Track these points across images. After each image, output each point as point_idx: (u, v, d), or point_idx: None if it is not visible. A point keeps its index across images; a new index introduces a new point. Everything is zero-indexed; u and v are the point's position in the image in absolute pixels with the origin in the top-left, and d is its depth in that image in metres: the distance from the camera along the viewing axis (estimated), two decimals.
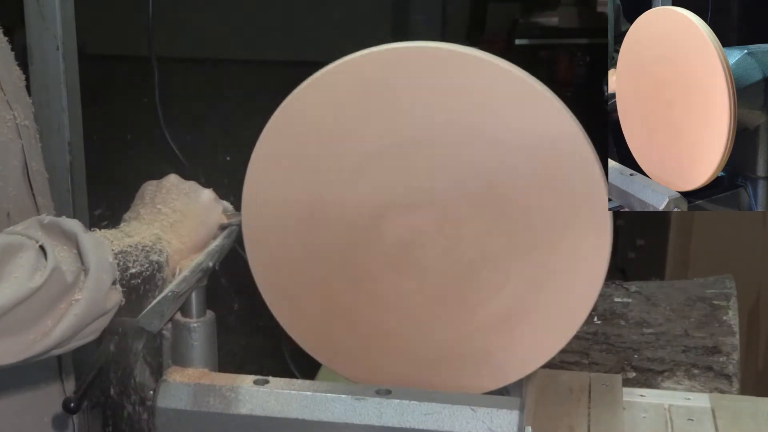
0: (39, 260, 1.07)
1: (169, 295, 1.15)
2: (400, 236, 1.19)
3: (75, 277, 1.08)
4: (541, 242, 1.15)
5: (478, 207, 1.16)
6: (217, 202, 1.29)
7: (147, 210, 1.25)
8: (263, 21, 6.47)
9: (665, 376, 1.65)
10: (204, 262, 1.23)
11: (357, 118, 1.16)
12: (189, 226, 1.24)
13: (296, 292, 1.23)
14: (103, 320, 1.12)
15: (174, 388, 1.17)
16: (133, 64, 3.13)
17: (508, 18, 4.94)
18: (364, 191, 1.18)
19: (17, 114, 1.27)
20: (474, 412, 1.12)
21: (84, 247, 1.10)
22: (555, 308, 1.17)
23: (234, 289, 1.37)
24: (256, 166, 1.20)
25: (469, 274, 1.18)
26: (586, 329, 1.69)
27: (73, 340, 1.10)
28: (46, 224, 1.12)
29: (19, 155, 1.27)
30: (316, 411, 1.14)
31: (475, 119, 1.13)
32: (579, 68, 4.43)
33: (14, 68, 1.35)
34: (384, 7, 5.44)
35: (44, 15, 2.13)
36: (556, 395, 1.31)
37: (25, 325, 1.05)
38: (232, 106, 5.26)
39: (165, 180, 1.30)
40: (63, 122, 2.19)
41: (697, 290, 1.76)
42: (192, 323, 1.21)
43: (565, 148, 1.12)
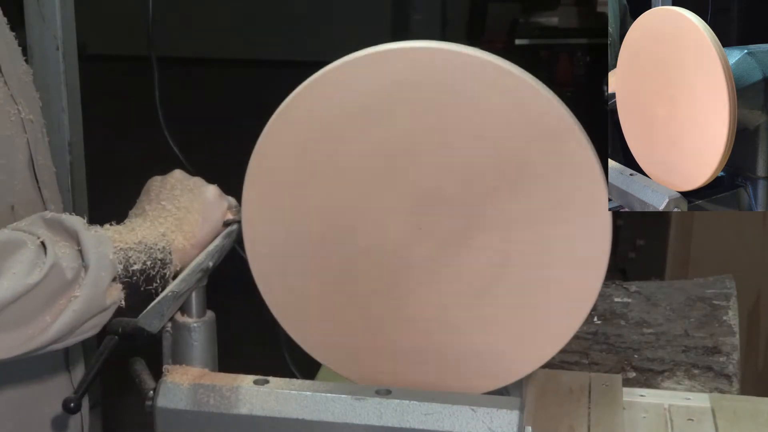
0: (39, 256, 1.07)
1: (169, 295, 1.15)
2: (401, 236, 1.18)
3: (75, 273, 1.09)
4: (540, 242, 1.15)
5: (478, 207, 1.16)
6: (222, 198, 1.29)
7: (152, 206, 1.26)
8: (263, 21, 6.46)
9: (665, 376, 1.65)
10: (204, 262, 1.23)
11: (357, 118, 1.16)
12: (193, 222, 1.24)
13: (296, 292, 1.23)
14: (103, 317, 1.12)
15: (174, 388, 1.17)
16: (133, 64, 3.13)
17: (508, 18, 4.95)
18: (365, 191, 1.18)
19: (22, 108, 1.28)
20: (474, 412, 1.12)
21: (84, 244, 1.10)
22: (555, 308, 1.17)
23: (234, 289, 1.37)
24: (256, 166, 1.20)
25: (469, 274, 1.18)
26: (586, 329, 1.69)
27: (72, 336, 1.11)
28: (48, 220, 1.12)
29: (24, 149, 1.28)
30: (316, 411, 1.14)
31: (475, 119, 1.13)
32: (579, 68, 4.43)
33: (20, 63, 1.35)
34: (384, 7, 5.43)
35: (44, 15, 2.13)
36: (556, 395, 1.31)
37: (24, 320, 1.06)
38: (232, 106, 5.25)
39: (170, 176, 1.30)
40: (63, 122, 2.19)
41: (697, 290, 1.76)
42: (192, 323, 1.21)
43: (564, 148, 1.12)
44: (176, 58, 3.41)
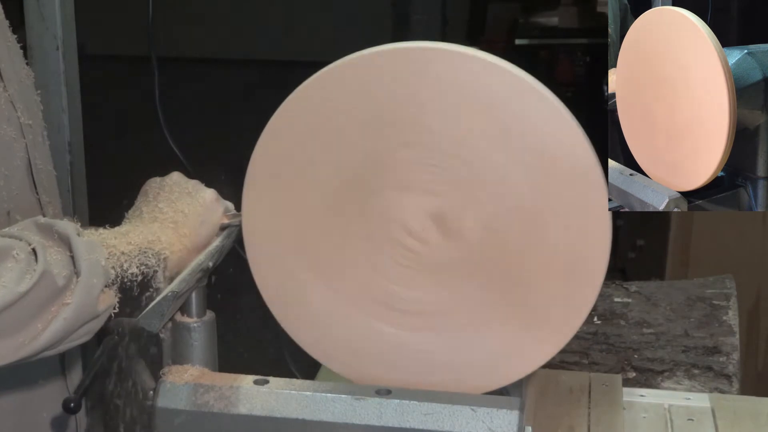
0: (29, 264, 1.07)
1: (169, 295, 1.15)
2: (401, 235, 1.18)
3: (66, 280, 1.08)
4: (540, 241, 1.15)
5: (478, 206, 1.16)
6: (218, 203, 1.29)
7: (149, 208, 1.25)
8: (263, 21, 6.46)
9: (665, 376, 1.65)
10: (204, 262, 1.23)
11: (357, 118, 1.16)
12: (190, 226, 1.24)
13: (296, 292, 1.23)
14: (95, 323, 1.12)
15: (174, 388, 1.17)
16: (133, 64, 3.13)
17: (508, 18, 4.95)
18: (366, 190, 1.18)
19: (21, 113, 1.28)
20: (474, 412, 1.12)
21: (76, 251, 1.10)
22: (555, 308, 1.17)
23: (234, 289, 1.37)
24: (257, 166, 1.20)
25: (469, 274, 1.18)
26: (586, 329, 1.69)
27: (64, 343, 1.10)
28: (41, 225, 1.12)
29: (23, 153, 1.27)
30: (316, 411, 1.14)
31: (474, 119, 1.13)
32: (579, 68, 4.43)
33: (22, 66, 1.35)
34: (384, 7, 5.43)
35: (44, 15, 2.13)
36: (556, 395, 1.31)
37: (15, 328, 1.05)
38: (232, 106, 5.26)
39: (168, 178, 1.30)
40: (63, 122, 2.19)
41: (697, 290, 1.76)
42: (192, 323, 1.21)
43: (564, 148, 1.12)
44: (176, 58, 3.41)
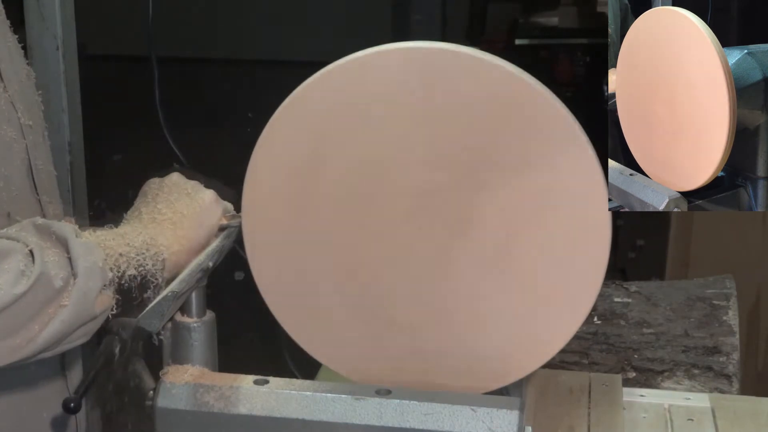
0: (26, 265, 1.06)
1: (168, 295, 1.15)
2: (400, 236, 1.19)
3: (64, 282, 1.08)
4: (540, 241, 1.15)
5: (478, 206, 1.16)
6: (217, 204, 1.29)
7: (148, 209, 1.25)
8: (263, 21, 6.46)
9: (665, 376, 1.65)
10: (204, 262, 1.23)
11: (357, 118, 1.16)
12: (188, 227, 1.24)
13: (296, 292, 1.23)
14: (92, 325, 1.12)
15: (174, 388, 1.17)
16: (133, 64, 3.13)
17: (508, 18, 4.94)
18: (365, 190, 1.18)
19: (21, 114, 1.27)
20: (474, 412, 1.12)
21: (73, 252, 1.10)
22: (555, 308, 1.17)
23: (234, 289, 1.37)
24: (257, 166, 1.20)
25: (469, 274, 1.18)
26: (586, 329, 1.69)
27: (61, 344, 1.10)
28: (39, 226, 1.12)
29: (23, 154, 1.27)
30: (316, 411, 1.14)
31: (474, 119, 1.13)
32: (579, 68, 4.43)
33: (22, 66, 1.34)
34: (384, 7, 5.43)
35: (44, 15, 2.13)
36: (556, 395, 1.31)
37: (11, 330, 1.05)
38: (232, 106, 5.26)
39: (167, 179, 1.30)
40: (63, 122, 2.19)
41: (697, 290, 1.76)
42: (192, 323, 1.21)
43: (564, 148, 1.12)
44: (176, 58, 3.41)
